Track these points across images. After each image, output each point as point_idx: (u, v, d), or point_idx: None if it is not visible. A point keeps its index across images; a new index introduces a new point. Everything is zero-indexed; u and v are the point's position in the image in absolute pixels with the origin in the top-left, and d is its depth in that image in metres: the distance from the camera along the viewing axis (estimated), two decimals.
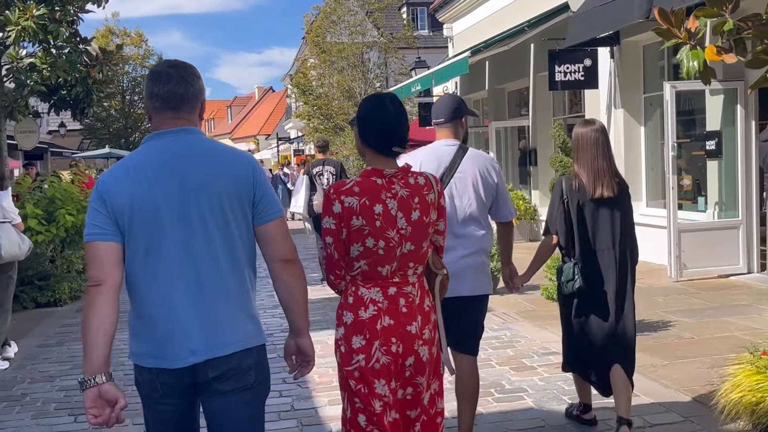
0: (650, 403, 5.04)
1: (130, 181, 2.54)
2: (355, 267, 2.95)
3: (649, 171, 11.59)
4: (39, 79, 9.64)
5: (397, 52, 27.42)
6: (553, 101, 14.74)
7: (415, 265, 2.99)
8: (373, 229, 2.89)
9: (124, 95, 34.18)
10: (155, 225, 2.52)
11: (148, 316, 2.59)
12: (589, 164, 4.26)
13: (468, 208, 4.05)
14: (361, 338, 2.92)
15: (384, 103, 3.04)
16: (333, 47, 26.44)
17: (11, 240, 6.63)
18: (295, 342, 2.80)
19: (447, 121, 4.14)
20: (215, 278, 2.56)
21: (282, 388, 5.70)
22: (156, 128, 2.65)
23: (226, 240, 2.58)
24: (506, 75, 16.18)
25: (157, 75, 2.65)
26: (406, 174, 3.00)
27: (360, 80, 26.52)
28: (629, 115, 11.53)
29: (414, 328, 2.95)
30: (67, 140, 34.09)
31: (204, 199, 2.55)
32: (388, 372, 2.91)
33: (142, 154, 2.63)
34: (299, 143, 49.16)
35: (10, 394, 5.95)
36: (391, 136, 2.98)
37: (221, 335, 2.56)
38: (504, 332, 7.16)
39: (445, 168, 4.04)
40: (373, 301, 2.93)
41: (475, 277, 4.04)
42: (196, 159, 2.59)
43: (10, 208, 6.81)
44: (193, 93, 2.64)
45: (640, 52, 11.52)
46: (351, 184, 2.94)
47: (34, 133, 18.47)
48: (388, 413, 2.91)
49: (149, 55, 35.03)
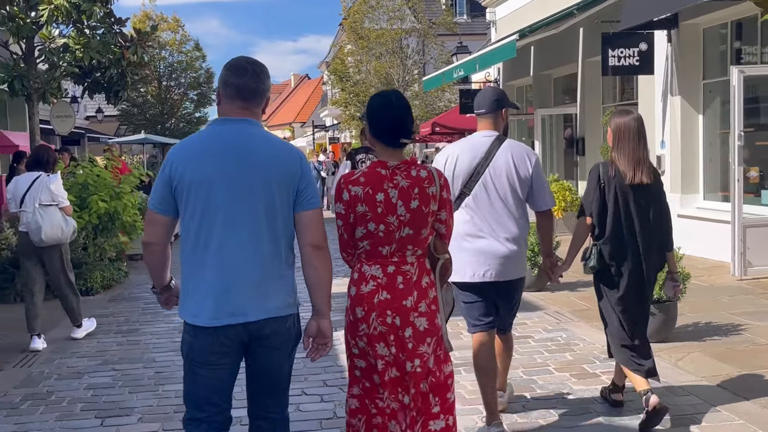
0: (728, 416, 4.52)
1: (191, 159, 2.93)
2: (359, 246, 3.33)
3: (707, 162, 10.96)
4: (72, 60, 9.31)
5: (436, 38, 26.83)
6: (602, 88, 14.12)
7: (414, 247, 3.31)
8: (375, 214, 3.24)
9: (161, 81, 34.01)
10: (209, 200, 2.89)
11: (201, 280, 2.94)
12: (630, 152, 4.38)
13: (504, 196, 4.22)
14: (361, 309, 3.28)
15: (390, 99, 3.37)
16: (371, 33, 25.93)
17: (54, 223, 6.69)
18: (316, 323, 3.10)
19: (487, 112, 4.34)
20: (257, 254, 2.93)
21: (323, 392, 5.29)
22: (223, 114, 3.02)
23: (271, 221, 2.95)
24: (552, 60, 15.56)
25: (235, 67, 3.01)
26: (409, 166, 3.31)
27: (398, 66, 25.99)
28: (687, 102, 10.89)
29: (410, 302, 3.26)
30: (104, 126, 34.17)
31: (255, 183, 2.91)
32: (386, 339, 3.25)
33: (206, 135, 3.05)
34: (334, 131, 48.80)
35: (36, 391, 5.61)
36: (398, 129, 3.31)
37: (263, 300, 2.95)
38: (559, 333, 6.65)
39: (480, 158, 4.23)
40: (374, 277, 3.28)
41: (511, 263, 4.26)
42: (253, 147, 2.95)
43: (58, 192, 6.85)
44: (263, 89, 3.03)
45: (700, 35, 10.88)
46: (358, 174, 3.32)
47: (70, 117, 18.26)
48: (389, 370, 3.27)
49: (186, 40, 34.75)
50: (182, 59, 34.20)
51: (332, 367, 5.89)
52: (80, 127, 31.43)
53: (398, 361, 3.27)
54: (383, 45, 25.93)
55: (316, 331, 3.09)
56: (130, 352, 6.62)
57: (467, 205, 4.25)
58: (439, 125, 20.12)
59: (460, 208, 4.24)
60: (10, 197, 6.98)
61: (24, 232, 6.82)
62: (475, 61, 14.05)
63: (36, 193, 6.77)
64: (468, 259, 4.22)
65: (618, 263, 4.41)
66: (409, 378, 3.27)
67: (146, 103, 33.65)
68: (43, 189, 6.79)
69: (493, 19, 18.82)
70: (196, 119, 35.02)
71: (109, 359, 6.42)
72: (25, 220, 6.71)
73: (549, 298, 8.20)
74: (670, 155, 11.10)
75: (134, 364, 6.22)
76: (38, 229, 6.67)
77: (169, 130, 33.65)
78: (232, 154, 2.91)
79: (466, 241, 4.22)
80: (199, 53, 34.44)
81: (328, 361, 6.03)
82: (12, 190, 7.00)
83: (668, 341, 6.14)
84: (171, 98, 34.29)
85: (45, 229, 6.65)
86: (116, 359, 6.41)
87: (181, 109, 34.77)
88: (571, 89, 16.09)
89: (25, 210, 6.71)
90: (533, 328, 6.94)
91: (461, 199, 4.25)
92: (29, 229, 6.69)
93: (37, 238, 6.70)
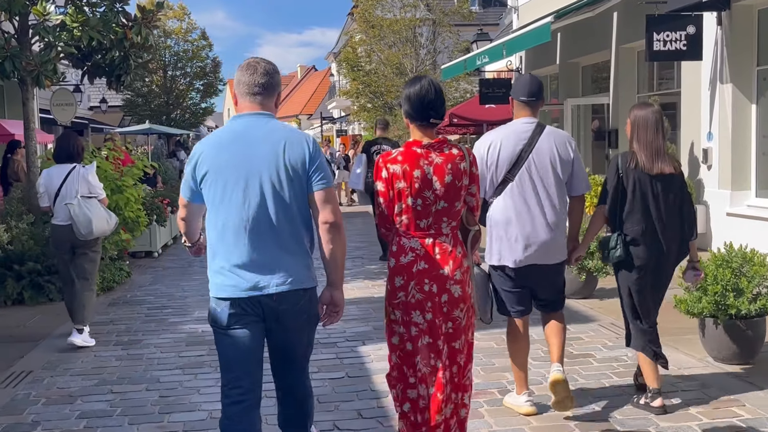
0: None
1: (212, 151, 3.26)
2: (398, 221, 3.54)
3: (760, 156, 10.05)
4: (69, 39, 8.44)
5: (451, 27, 25.87)
6: (637, 76, 13.20)
7: (449, 219, 3.56)
8: (413, 189, 3.47)
9: (166, 70, 33.06)
10: (231, 187, 3.19)
11: (224, 257, 3.23)
12: (649, 143, 4.45)
13: (547, 182, 4.32)
14: (401, 279, 3.51)
15: (423, 82, 3.61)
16: (384, 21, 24.99)
17: (100, 216, 6.52)
18: (329, 293, 3.34)
19: (529, 98, 4.43)
20: (273, 232, 3.21)
21: (357, 427, 4.44)
22: (240, 110, 3.33)
23: (283, 202, 3.21)
24: (581, 47, 14.68)
25: (246, 66, 3.32)
26: (441, 145, 3.55)
27: (411, 56, 25.04)
28: (738, 90, 9.97)
29: (447, 270, 3.51)
30: (108, 116, 33.31)
31: (267, 171, 3.20)
32: (423, 306, 3.48)
33: (224, 130, 3.36)
34: (342, 123, 47.90)
35: (20, 420, 4.77)
36: (428, 109, 3.54)
37: (279, 275, 3.21)
38: (624, 351, 5.68)
39: (523, 144, 4.33)
40: (412, 249, 3.51)
41: (553, 247, 4.37)
42: (267, 136, 3.25)
43: (95, 183, 6.63)
44: (272, 84, 3.31)
45: (755, 17, 9.95)
46: (396, 154, 3.55)
47: (71, 106, 17.43)
48: (422, 337, 3.49)
49: (192, 29, 33.72)
50: (188, 48, 33.23)
51: (365, 392, 5.06)
52: (84, 118, 30.60)
53: (432, 328, 3.49)
54: (396, 33, 24.98)
55: (329, 299, 3.35)
56: (130, 370, 5.78)
57: (511, 190, 4.33)
58: (456, 116, 19.20)
59: (503, 194, 4.34)
60: (43, 191, 6.61)
61: (61, 226, 6.48)
62: (502, 47, 13.12)
63: (73, 185, 6.46)
64: (511, 244, 4.35)
65: (637, 252, 4.47)
66: (443, 341, 3.50)
67: (151, 93, 32.66)
68: (81, 181, 6.49)
69: (515, 5, 17.92)
70: (201, 110, 34.08)
71: (107, 378, 5.58)
72: (71, 213, 6.36)
73: (599, 306, 7.34)
74: (719, 148, 10.21)
75: (135, 386, 5.37)
76: (88, 222, 6.38)
77: (174, 120, 32.72)
78: (246, 144, 3.22)
79: (510, 226, 4.33)
80: (205, 42, 33.49)
81: (362, 384, 5.22)
82: (45, 183, 6.60)
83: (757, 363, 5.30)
84: (176, 88, 33.33)
85: (95, 222, 6.42)
86: (115, 378, 5.57)
87: (186, 100, 33.80)
88: (601, 78, 15.20)
89: (70, 203, 6.38)
90: (591, 344, 6.07)
91: (504, 185, 4.33)
92: (77, 222, 6.36)
93: (87, 230, 6.40)
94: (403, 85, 3.68)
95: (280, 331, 3.29)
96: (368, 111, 25.63)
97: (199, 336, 6.72)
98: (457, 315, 3.53)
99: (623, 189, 4.47)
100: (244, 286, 3.18)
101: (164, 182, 17.46)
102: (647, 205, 4.43)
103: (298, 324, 3.29)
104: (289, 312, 3.23)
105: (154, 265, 11.15)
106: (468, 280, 3.59)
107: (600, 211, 4.61)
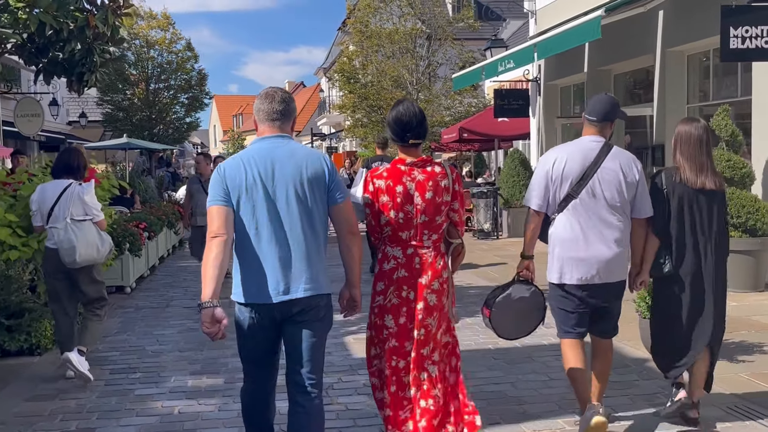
0: None
1: (240, 170, 3.57)
2: (384, 231, 3.99)
3: None
4: (10, 22, 6.60)
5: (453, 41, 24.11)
6: (687, 84, 11.50)
7: (430, 232, 3.95)
8: (395, 204, 3.90)
9: (149, 83, 31.09)
10: (256, 202, 3.54)
11: (250, 266, 3.54)
12: (694, 158, 4.51)
13: (611, 201, 4.31)
14: (382, 284, 3.98)
15: (400, 107, 4.04)
16: (383, 31, 23.23)
17: (89, 242, 5.90)
18: (348, 291, 3.80)
19: (599, 120, 4.41)
20: (298, 242, 3.54)
21: None
22: (261, 134, 3.72)
23: (307, 215, 3.57)
24: (613, 53, 13.03)
25: (265, 95, 3.73)
26: (425, 163, 3.97)
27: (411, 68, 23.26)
28: None
29: (425, 279, 3.91)
30: (88, 132, 31.51)
31: (292, 186, 3.56)
32: (398, 311, 3.93)
33: (250, 151, 3.68)
34: (332, 140, 46.15)
35: None
36: (407, 131, 3.96)
37: (301, 282, 3.52)
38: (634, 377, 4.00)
39: (589, 163, 4.33)
40: (395, 257, 3.94)
41: (616, 266, 4.34)
42: (288, 157, 3.61)
43: (92, 204, 6.03)
44: (289, 111, 3.73)
45: None
46: (382, 170, 3.99)
47: (37, 117, 15.52)
48: (390, 340, 3.94)
49: (177, 39, 31.73)
50: (172, 59, 31.30)
51: None
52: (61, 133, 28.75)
53: (401, 332, 3.91)
54: (395, 44, 23.24)
55: (348, 297, 3.79)
56: None
57: (574, 208, 4.32)
58: (467, 130, 17.49)
59: (565, 211, 4.34)
60: (35, 209, 5.99)
61: (53, 249, 5.89)
62: (532, 49, 11.36)
63: (66, 205, 5.86)
64: (575, 263, 4.31)
65: (680, 267, 4.51)
66: (412, 346, 3.89)
67: (132, 107, 30.66)
68: (75, 200, 5.89)
69: (532, 9, 16.25)
70: (186, 125, 32.13)
71: None
72: (57, 238, 5.82)
73: None
74: None
75: None
76: (72, 249, 5.77)
77: (157, 136, 30.71)
78: (270, 163, 3.57)
79: (572, 244, 4.31)
80: (190, 53, 31.55)
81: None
82: (38, 200, 5.98)
83: None
84: (160, 101, 31.35)
85: (80, 249, 5.80)
86: None
87: (170, 114, 31.83)
88: (638, 87, 13.56)
89: (55, 226, 5.82)
90: None
91: (567, 201, 4.33)
92: (60, 248, 5.80)
93: (71, 259, 5.79)
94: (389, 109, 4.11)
95: (297, 333, 3.58)
96: (365, 126, 23.82)
97: (176, 421, 4.87)
98: (429, 322, 3.91)
99: (668, 204, 4.50)
100: (268, 293, 3.49)
101: (144, 202, 15.58)
102: (693, 219, 4.50)
103: (314, 327, 3.59)
104: (308, 315, 3.56)
105: (125, 305, 9.25)
106: (446, 291, 3.96)
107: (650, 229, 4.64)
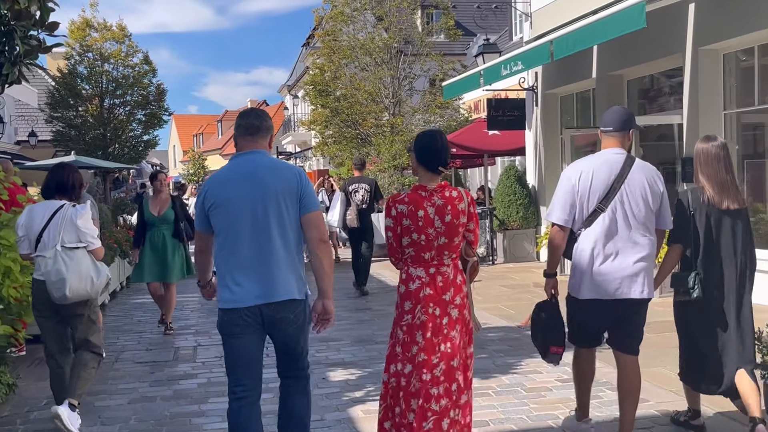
0: None
1: (219, 187, 4.05)
2: (405, 252, 4.24)
3: None
4: None
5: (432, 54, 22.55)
6: (723, 87, 10.05)
7: (449, 252, 4.22)
8: (417, 227, 4.15)
9: (103, 98, 28.98)
10: (233, 216, 3.95)
11: (229, 275, 3.97)
12: (714, 177, 4.53)
13: (638, 214, 4.36)
14: (409, 303, 4.20)
15: (435, 136, 4.33)
16: (356, 42, 21.57)
17: (82, 274, 5.16)
18: (321, 302, 4.06)
19: (616, 130, 4.51)
20: (271, 251, 3.94)
21: None
22: (239, 149, 4.15)
23: (281, 225, 3.97)
24: (626, 55, 11.59)
25: (244, 113, 4.20)
26: (443, 189, 4.24)
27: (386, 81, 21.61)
28: None
29: (448, 296, 4.19)
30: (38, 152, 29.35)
31: (266, 197, 3.96)
32: (425, 327, 4.13)
33: (227, 167, 4.15)
34: (298, 159, 44.37)
35: None
36: (437, 159, 4.24)
37: (276, 288, 3.95)
38: None
39: (615, 175, 4.38)
40: (419, 278, 4.19)
41: (645, 281, 4.39)
42: (263, 171, 4.03)
43: (87, 230, 5.31)
44: (266, 126, 4.16)
45: None
46: (403, 195, 4.24)
47: None
48: (420, 354, 4.11)
49: (134, 52, 29.64)
50: (128, 73, 29.22)
51: None
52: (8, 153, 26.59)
53: (429, 346, 4.11)
54: (369, 55, 21.61)
55: (321, 309, 4.06)
56: None
57: (602, 221, 4.35)
58: (455, 145, 15.89)
59: (593, 225, 4.38)
60: (23, 234, 5.32)
61: (40, 281, 5.21)
62: (548, 47, 9.75)
63: (56, 230, 5.22)
64: (601, 277, 4.35)
65: (707, 289, 4.51)
66: (439, 358, 4.09)
67: (85, 124, 28.49)
68: (67, 225, 5.24)
69: (527, 11, 14.78)
70: (143, 143, 30.01)
71: None
72: (44, 269, 5.14)
73: None
74: None
75: None
76: (61, 281, 5.08)
77: (112, 155, 28.57)
78: (246, 178, 3.99)
79: (599, 259, 4.34)
80: (148, 67, 29.48)
81: None
82: (25, 224, 5.32)
83: None
84: (115, 118, 29.24)
85: (70, 282, 5.10)
86: None
87: (126, 132, 29.70)
88: (656, 93, 12.12)
89: (43, 255, 5.16)
90: None
91: (596, 215, 4.37)
92: (48, 281, 5.12)
93: (60, 293, 5.11)
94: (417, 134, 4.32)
95: (280, 335, 4.07)
96: (339, 143, 22.09)
97: None
98: (453, 335, 4.18)
99: (695, 225, 4.52)
100: (248, 299, 3.91)
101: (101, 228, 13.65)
102: (719, 240, 4.52)
103: (293, 329, 4.05)
104: (286, 319, 4.00)
105: None
106: (466, 305, 4.28)
107: (678, 250, 4.67)
